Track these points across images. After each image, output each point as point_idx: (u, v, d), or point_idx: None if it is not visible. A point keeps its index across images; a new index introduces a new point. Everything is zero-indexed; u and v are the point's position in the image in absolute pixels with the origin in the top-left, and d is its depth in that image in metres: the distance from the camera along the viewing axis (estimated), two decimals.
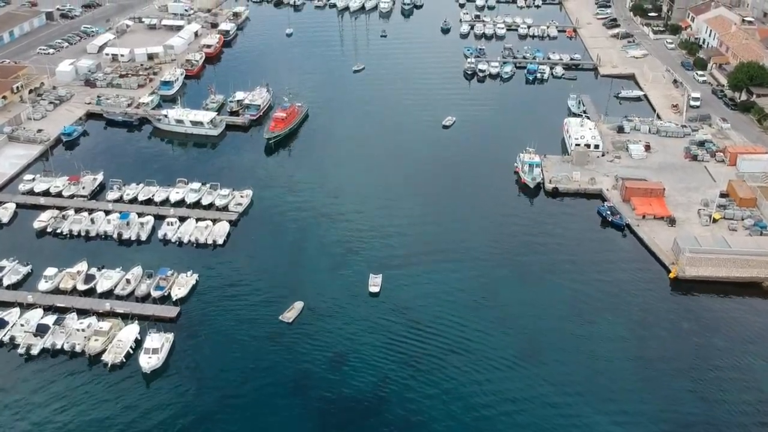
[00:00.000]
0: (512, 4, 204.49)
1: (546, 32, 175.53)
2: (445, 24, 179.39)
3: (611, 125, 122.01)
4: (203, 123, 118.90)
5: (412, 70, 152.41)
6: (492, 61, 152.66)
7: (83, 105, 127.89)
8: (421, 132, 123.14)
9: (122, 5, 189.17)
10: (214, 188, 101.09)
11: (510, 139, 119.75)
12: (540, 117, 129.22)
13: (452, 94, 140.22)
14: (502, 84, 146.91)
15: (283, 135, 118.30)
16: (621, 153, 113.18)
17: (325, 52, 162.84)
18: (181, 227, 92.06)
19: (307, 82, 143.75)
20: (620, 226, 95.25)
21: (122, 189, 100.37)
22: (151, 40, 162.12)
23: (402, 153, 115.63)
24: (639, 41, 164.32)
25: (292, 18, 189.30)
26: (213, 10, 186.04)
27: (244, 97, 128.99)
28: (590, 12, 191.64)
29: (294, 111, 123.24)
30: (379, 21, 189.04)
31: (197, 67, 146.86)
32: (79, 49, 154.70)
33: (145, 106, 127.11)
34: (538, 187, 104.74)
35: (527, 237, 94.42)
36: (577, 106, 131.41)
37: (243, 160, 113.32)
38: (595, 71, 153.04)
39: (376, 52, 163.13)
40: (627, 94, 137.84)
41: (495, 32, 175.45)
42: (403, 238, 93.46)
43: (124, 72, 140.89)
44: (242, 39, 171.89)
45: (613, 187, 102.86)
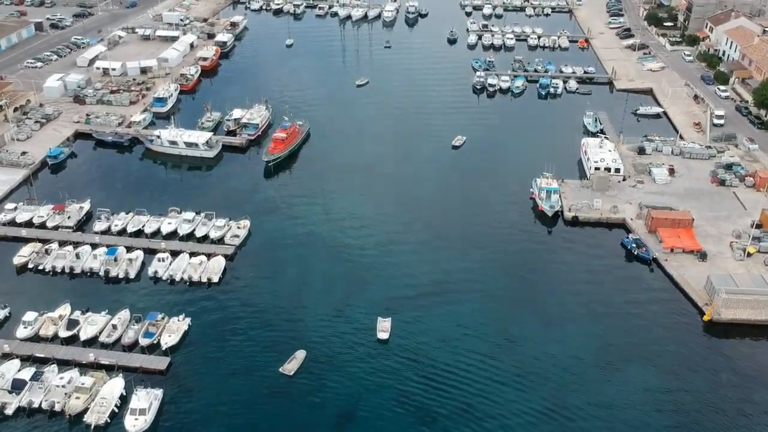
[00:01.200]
0: (520, 12, 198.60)
1: (557, 43, 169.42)
2: (452, 34, 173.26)
3: (631, 146, 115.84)
4: (198, 144, 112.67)
5: (418, 84, 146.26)
6: (502, 74, 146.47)
7: (71, 124, 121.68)
8: (430, 153, 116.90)
9: (115, 14, 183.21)
10: (209, 218, 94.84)
11: (524, 160, 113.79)
12: (555, 136, 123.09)
13: (461, 111, 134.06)
14: (514, 99, 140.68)
15: (283, 157, 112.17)
16: (643, 177, 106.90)
17: (327, 64, 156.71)
18: (173, 263, 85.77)
19: (308, 98, 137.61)
20: (647, 260, 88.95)
21: (110, 219, 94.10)
22: (144, 51, 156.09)
23: (410, 177, 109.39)
24: (655, 53, 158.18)
25: (292, 27, 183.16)
26: (210, 19, 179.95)
27: (242, 115, 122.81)
28: (602, 21, 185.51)
29: (295, 131, 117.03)
30: (382, 31, 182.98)
31: (192, 82, 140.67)
32: (68, 62, 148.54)
33: (136, 125, 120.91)
34: (557, 215, 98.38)
35: (546, 272, 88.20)
36: (594, 124, 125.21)
37: (240, 184, 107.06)
38: (610, 85, 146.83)
39: (379, 65, 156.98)
40: (645, 111, 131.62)
41: (504, 43, 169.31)
42: (413, 273, 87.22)
43: (115, 87, 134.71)
44: (240, 50, 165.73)
45: (637, 216, 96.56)
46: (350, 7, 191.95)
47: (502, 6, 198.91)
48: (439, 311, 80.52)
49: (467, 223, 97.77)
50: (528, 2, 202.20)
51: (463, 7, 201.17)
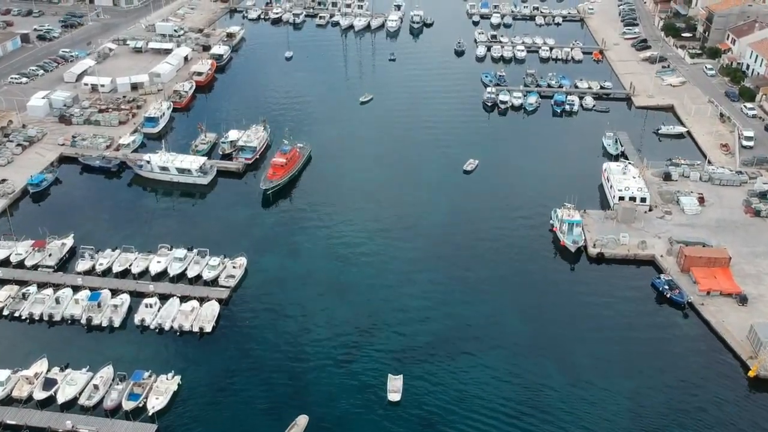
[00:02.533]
0: (530, 21, 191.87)
1: (570, 55, 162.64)
2: (459, 45, 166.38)
3: (656, 171, 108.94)
4: (191, 170, 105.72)
5: (425, 100, 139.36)
6: (514, 90, 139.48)
7: (56, 147, 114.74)
8: (440, 178, 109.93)
9: (106, 24, 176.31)
10: (203, 255, 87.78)
11: (542, 187, 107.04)
12: (573, 159, 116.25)
13: (472, 130, 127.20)
14: (527, 117, 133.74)
15: (282, 184, 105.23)
16: (671, 207, 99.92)
17: (329, 78, 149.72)
18: (161, 309, 78.78)
19: (309, 116, 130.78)
20: (681, 304, 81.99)
21: (95, 257, 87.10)
22: (136, 65, 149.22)
23: (420, 206, 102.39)
24: (675, 66, 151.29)
25: (291, 38, 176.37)
26: (205, 30, 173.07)
27: (239, 136, 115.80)
28: (615, 31, 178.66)
29: (295, 155, 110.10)
30: (386, 41, 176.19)
31: (186, 99, 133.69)
32: (55, 78, 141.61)
33: (125, 148, 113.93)
34: (579, 250, 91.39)
35: (571, 317, 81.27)
36: (614, 146, 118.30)
37: (236, 214, 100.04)
38: (628, 101, 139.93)
39: (384, 79, 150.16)
40: (668, 131, 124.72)
41: (514, 55, 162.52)
42: (425, 318, 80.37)
43: (104, 106, 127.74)
44: (237, 63, 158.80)
45: (667, 252, 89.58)
46: (352, 16, 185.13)
47: (510, 15, 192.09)
48: (455, 365, 73.57)
49: (483, 259, 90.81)
50: (538, 11, 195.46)
51: (470, 15, 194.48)
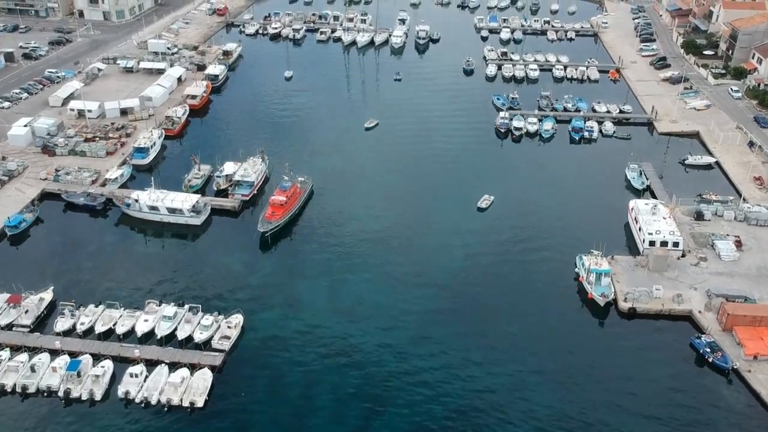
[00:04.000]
0: (541, 36, 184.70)
1: (585, 74, 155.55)
2: (468, 64, 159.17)
3: (686, 209, 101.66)
4: (183, 210, 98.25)
5: (434, 125, 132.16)
6: (528, 115, 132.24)
7: (37, 182, 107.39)
8: (453, 218, 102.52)
9: (96, 41, 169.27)
10: (194, 312, 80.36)
11: (563, 226, 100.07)
12: (595, 194, 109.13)
13: (485, 160, 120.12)
14: (543, 145, 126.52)
15: (282, 224, 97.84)
16: (706, 252, 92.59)
17: (331, 101, 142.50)
18: (148, 380, 71.34)
19: (311, 145, 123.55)
20: (724, 370, 74.61)
21: (75, 315, 79.71)
22: (126, 87, 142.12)
23: (431, 251, 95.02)
24: (698, 87, 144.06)
25: (291, 55, 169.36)
26: (200, 47, 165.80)
27: (235, 170, 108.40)
28: (632, 47, 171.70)
29: (296, 192, 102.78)
30: (390, 59, 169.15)
31: (179, 126, 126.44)
32: (40, 101, 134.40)
33: (112, 183, 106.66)
34: (609, 304, 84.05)
35: (603, 383, 73.96)
36: (639, 178, 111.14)
37: (232, 260, 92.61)
38: (650, 126, 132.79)
39: (389, 102, 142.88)
40: (695, 161, 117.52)
41: (527, 74, 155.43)
42: (444, 391, 72.83)
43: (90, 134, 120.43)
44: (234, 83, 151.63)
45: (706, 307, 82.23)
46: (355, 31, 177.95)
47: (520, 29, 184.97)
48: None
49: (502, 313, 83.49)
50: (549, 24, 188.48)
51: (479, 30, 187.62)
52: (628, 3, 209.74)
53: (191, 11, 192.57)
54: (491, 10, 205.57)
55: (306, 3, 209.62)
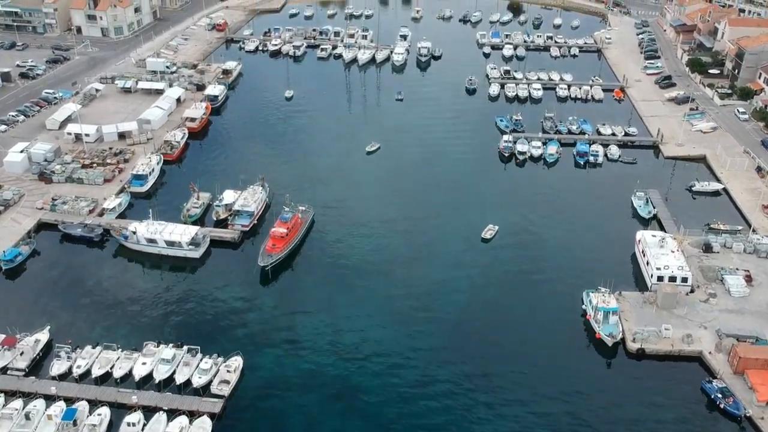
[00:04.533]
0: (544, 52, 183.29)
1: (590, 93, 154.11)
2: (470, 83, 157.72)
3: (694, 240, 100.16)
4: (181, 243, 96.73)
5: (436, 149, 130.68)
6: (532, 138, 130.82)
7: (34, 211, 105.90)
8: (457, 249, 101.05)
9: (94, 59, 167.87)
10: (193, 354, 78.86)
11: (568, 258, 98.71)
12: (602, 223, 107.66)
13: (489, 186, 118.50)
14: (547, 169, 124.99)
15: (283, 257, 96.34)
16: (715, 286, 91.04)
17: (332, 123, 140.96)
18: (146, 428, 69.86)
19: (312, 170, 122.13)
20: (737, 417, 73.02)
21: (72, 357, 78.19)
22: (124, 108, 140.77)
23: (435, 285, 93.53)
24: (704, 108, 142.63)
25: (291, 72, 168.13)
26: (199, 65, 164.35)
27: (235, 198, 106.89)
28: (636, 64, 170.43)
29: (297, 223, 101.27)
30: (392, 76, 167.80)
31: (178, 150, 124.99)
32: (37, 124, 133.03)
33: (110, 212, 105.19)
34: (617, 344, 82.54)
35: (610, 427, 72.58)
36: (646, 207, 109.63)
37: (231, 297, 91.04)
38: (655, 149, 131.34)
39: (391, 123, 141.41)
40: (702, 188, 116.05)
41: (530, 94, 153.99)
42: (450, 427, 71.80)
43: (88, 160, 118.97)
44: (233, 103, 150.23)
45: (716, 348, 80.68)
46: (356, 48, 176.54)
47: (523, 46, 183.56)
48: None
49: (507, 353, 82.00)
50: (552, 40, 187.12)
51: (481, 46, 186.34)
52: (632, 17, 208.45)
53: (190, 27, 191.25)
54: (493, 24, 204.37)
55: (306, 18, 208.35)
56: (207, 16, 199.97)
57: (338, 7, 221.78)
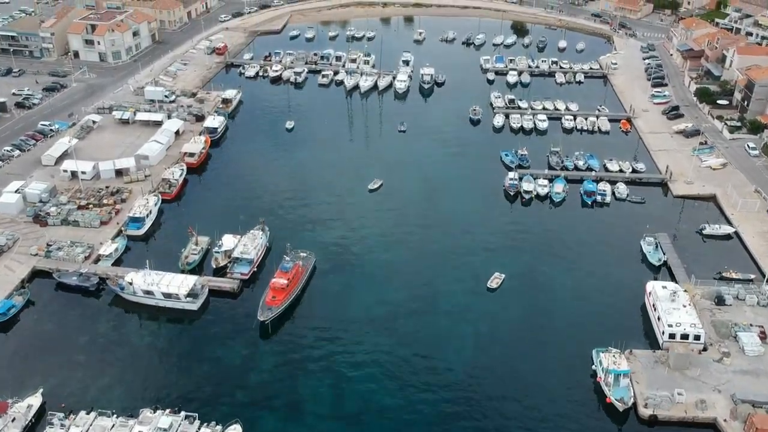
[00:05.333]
0: (549, 78, 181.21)
1: (596, 125, 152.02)
2: (475, 113, 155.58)
3: (706, 291, 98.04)
4: (179, 296, 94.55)
5: (439, 186, 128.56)
6: (538, 175, 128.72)
7: (28, 258, 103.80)
8: (462, 299, 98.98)
9: (91, 86, 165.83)
10: (191, 421, 76.73)
11: (577, 310, 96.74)
12: (610, 270, 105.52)
13: (494, 228, 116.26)
14: (554, 209, 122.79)
15: (283, 309, 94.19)
16: (729, 344, 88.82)
17: (334, 157, 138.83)
18: None
19: (313, 210, 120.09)
20: None
21: (65, 425, 75.96)
22: (122, 141, 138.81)
23: (440, 340, 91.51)
24: (713, 142, 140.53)
25: (292, 99, 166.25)
26: (198, 93, 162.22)
27: (234, 244, 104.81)
28: (643, 92, 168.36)
29: (298, 273, 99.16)
30: (394, 104, 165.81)
31: (176, 188, 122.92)
32: (32, 159, 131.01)
33: (106, 259, 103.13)
34: (628, 409, 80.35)
35: None
36: (655, 253, 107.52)
37: (230, 355, 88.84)
38: (664, 187, 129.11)
39: (394, 157, 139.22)
40: (713, 231, 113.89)
41: (535, 125, 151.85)
42: None
43: (84, 200, 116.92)
44: (233, 135, 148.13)
45: (731, 415, 78.51)
46: (358, 74, 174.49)
47: (528, 71, 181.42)
48: None
49: (518, 421, 79.90)
50: (557, 65, 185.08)
51: (485, 71, 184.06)
52: (638, 40, 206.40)
53: (190, 50, 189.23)
54: (497, 47, 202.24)
55: (308, 40, 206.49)
56: (206, 38, 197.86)
57: (340, 27, 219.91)
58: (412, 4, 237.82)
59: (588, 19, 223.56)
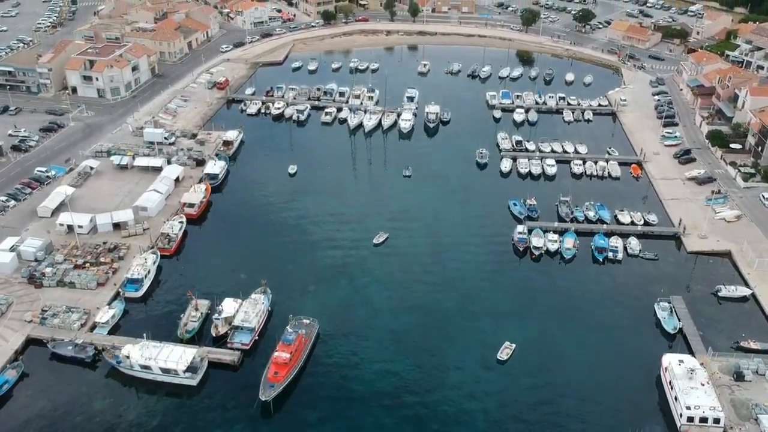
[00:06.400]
0: (557, 114, 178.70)
1: (606, 170, 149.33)
2: (481, 156, 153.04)
3: (724, 365, 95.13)
4: (178, 371, 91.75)
5: (446, 240, 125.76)
6: (548, 229, 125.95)
7: (23, 325, 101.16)
8: (471, 371, 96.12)
9: (89, 125, 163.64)
10: None
11: (590, 386, 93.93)
12: (625, 339, 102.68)
13: (503, 288, 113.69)
14: (564, 265, 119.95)
15: (286, 384, 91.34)
16: (749, 427, 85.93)
17: (338, 206, 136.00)
18: None
19: (316, 268, 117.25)
20: None
21: None
22: (120, 189, 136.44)
23: (449, 419, 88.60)
24: (726, 191, 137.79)
25: (294, 139, 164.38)
26: (199, 135, 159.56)
27: (235, 309, 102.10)
28: (653, 132, 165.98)
29: (301, 344, 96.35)
30: (399, 144, 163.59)
31: (176, 243, 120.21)
32: (28, 210, 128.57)
33: (102, 327, 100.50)
34: None
35: None
36: (670, 319, 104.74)
37: None
38: (677, 241, 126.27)
39: (399, 206, 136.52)
40: (729, 294, 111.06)
41: (543, 170, 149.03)
42: None
43: (80, 257, 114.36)
44: (234, 180, 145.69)
45: None
46: (362, 112, 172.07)
47: (535, 109, 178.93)
48: None
49: None
50: (564, 101, 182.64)
51: (491, 107, 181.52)
52: (647, 72, 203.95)
53: (190, 85, 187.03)
54: (503, 80, 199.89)
55: (310, 72, 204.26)
56: (207, 71, 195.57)
57: (343, 57, 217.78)
58: (416, 32, 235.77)
59: (595, 49, 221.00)
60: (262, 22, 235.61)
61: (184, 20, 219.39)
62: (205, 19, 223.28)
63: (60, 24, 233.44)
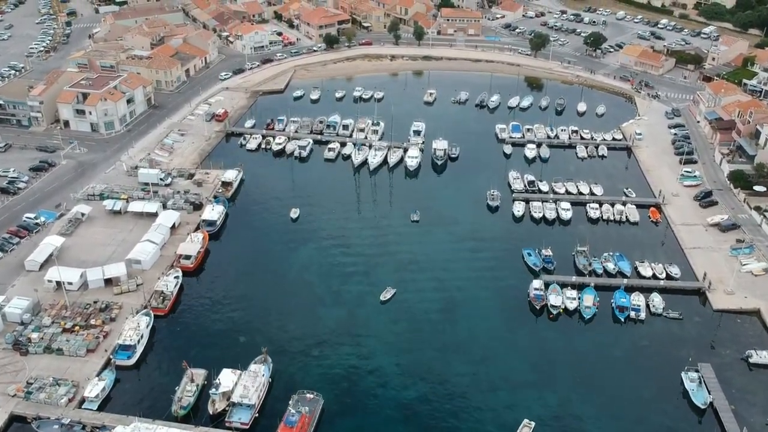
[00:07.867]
0: (569, 149, 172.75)
1: (624, 214, 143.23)
2: (492, 198, 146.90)
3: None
4: None
5: (457, 296, 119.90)
6: (566, 285, 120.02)
7: (6, 400, 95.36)
8: None
9: (82, 163, 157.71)
10: None
11: None
12: (651, 414, 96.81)
13: (520, 354, 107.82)
14: (583, 326, 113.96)
15: None
16: None
17: (341, 256, 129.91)
18: None
19: (319, 329, 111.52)
20: None
21: None
22: (112, 238, 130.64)
23: None
24: (752, 239, 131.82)
25: (297, 177, 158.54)
26: (196, 174, 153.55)
27: (233, 382, 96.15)
28: (671, 169, 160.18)
29: (304, 425, 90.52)
30: (405, 183, 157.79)
31: (170, 302, 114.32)
32: (15, 263, 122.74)
33: (91, 402, 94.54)
34: None
35: None
36: (700, 391, 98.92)
37: None
38: (701, 297, 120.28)
39: (407, 256, 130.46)
40: (760, 360, 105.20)
41: (558, 215, 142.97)
42: None
43: (69, 319, 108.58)
44: (234, 225, 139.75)
45: None
46: (366, 147, 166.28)
47: (546, 144, 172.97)
48: None
49: None
50: (577, 135, 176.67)
51: (500, 140, 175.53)
52: (661, 102, 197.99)
53: (187, 117, 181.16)
54: (512, 110, 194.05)
55: (313, 101, 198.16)
56: (205, 101, 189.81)
57: (346, 83, 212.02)
58: (422, 57, 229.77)
59: (607, 76, 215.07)
60: (263, 47, 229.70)
61: (181, 46, 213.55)
62: (203, 44, 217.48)
63: (53, 48, 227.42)
